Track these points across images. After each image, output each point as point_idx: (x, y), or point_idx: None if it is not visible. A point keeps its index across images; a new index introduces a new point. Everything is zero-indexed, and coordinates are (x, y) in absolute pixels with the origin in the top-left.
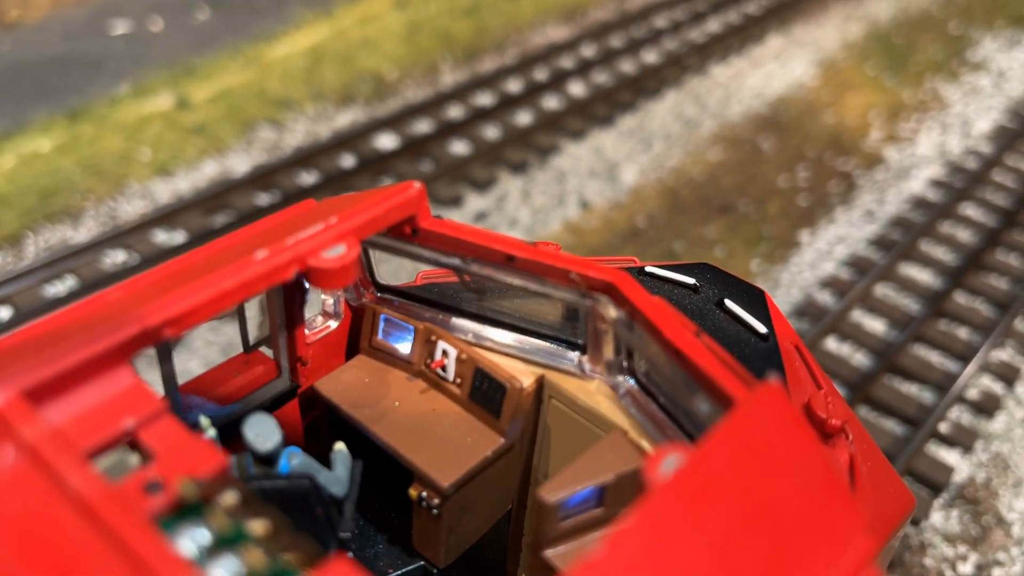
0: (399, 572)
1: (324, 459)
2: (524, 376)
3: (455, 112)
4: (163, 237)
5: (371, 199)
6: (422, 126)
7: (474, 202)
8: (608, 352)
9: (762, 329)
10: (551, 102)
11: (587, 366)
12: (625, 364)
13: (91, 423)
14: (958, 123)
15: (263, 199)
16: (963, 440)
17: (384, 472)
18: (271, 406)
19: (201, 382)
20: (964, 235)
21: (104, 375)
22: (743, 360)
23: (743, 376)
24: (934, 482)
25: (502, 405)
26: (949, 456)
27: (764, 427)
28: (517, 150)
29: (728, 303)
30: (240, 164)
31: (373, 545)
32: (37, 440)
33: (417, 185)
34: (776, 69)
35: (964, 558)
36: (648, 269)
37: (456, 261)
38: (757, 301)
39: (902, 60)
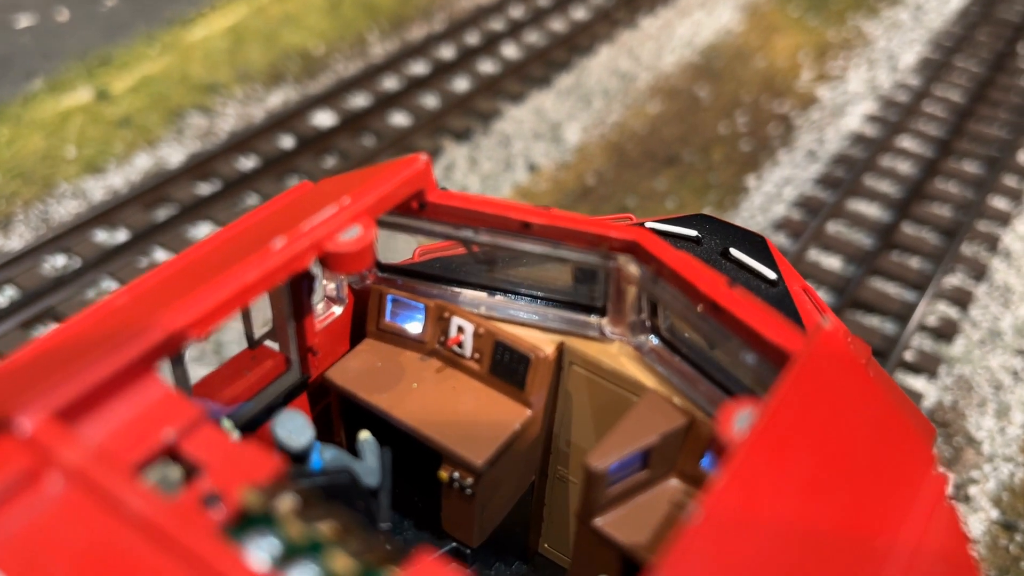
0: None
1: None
2: (545, 345)
3: (390, 83)
4: (103, 236)
5: (378, 176)
6: (358, 100)
7: None
8: (631, 312)
9: (771, 275)
10: (486, 66)
11: (607, 329)
12: (648, 323)
13: (130, 438)
14: (884, 58)
15: (203, 188)
16: (928, 366)
17: (406, 456)
18: (284, 400)
19: (211, 382)
20: (904, 167)
21: (134, 386)
22: None
23: (792, 326)
24: None
25: (526, 376)
26: (917, 383)
27: (827, 373)
28: (459, 118)
29: (733, 252)
30: (173, 154)
31: (401, 532)
32: (82, 462)
33: (423, 157)
34: (703, 17)
35: None
36: (648, 225)
37: (468, 232)
38: (759, 247)
39: (823, 0)
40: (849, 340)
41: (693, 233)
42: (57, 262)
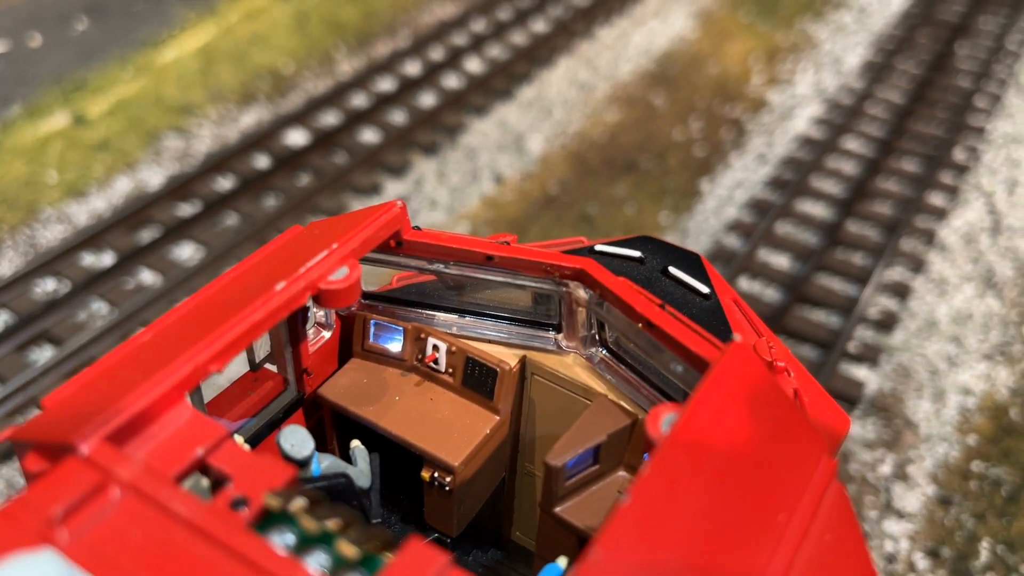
0: None
1: (335, 456)
2: (509, 359)
3: (359, 100)
4: (90, 260)
5: (361, 221)
6: (329, 118)
7: (392, 188)
8: (581, 328)
9: (704, 290)
10: (451, 81)
11: (563, 343)
12: (597, 337)
13: (168, 455)
14: (830, 61)
15: (184, 210)
16: (870, 356)
17: (391, 460)
18: (283, 416)
19: (220, 402)
20: (848, 167)
21: (168, 412)
22: (692, 319)
23: (711, 339)
24: (850, 397)
25: (494, 387)
26: (859, 372)
27: (737, 379)
28: (426, 132)
29: (672, 270)
30: (153, 176)
31: (389, 526)
32: (134, 477)
33: (399, 203)
34: (657, 25)
35: (882, 460)
36: (597, 248)
37: (439, 266)
38: (695, 264)
39: (771, 4)
40: (770, 347)
41: (637, 254)
42: (48, 286)
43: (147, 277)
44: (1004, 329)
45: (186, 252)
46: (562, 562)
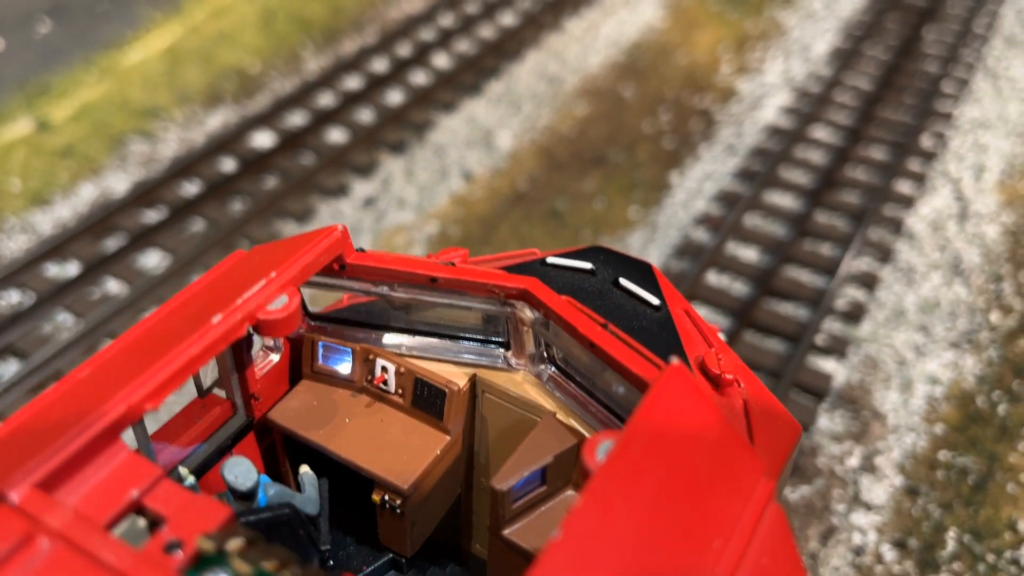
0: (372, 567)
1: (282, 478)
2: (459, 378)
3: (326, 100)
4: (55, 270)
5: (302, 247)
6: (295, 119)
7: (360, 188)
8: (529, 346)
9: (655, 301)
10: (418, 77)
11: (512, 360)
12: (545, 354)
13: (101, 499)
14: (798, 48)
15: (150, 216)
16: (837, 348)
17: (344, 482)
18: (232, 441)
19: (168, 429)
20: (816, 156)
21: (102, 454)
22: (642, 331)
23: (651, 359)
24: (817, 389)
25: (443, 407)
26: (827, 364)
27: (674, 403)
28: (393, 130)
29: (623, 281)
30: (118, 183)
31: (344, 548)
32: (63, 526)
33: (340, 227)
34: (627, 15)
35: (850, 453)
36: (549, 260)
37: (384, 289)
38: (646, 275)
39: None
40: (720, 360)
41: (588, 265)
42: (12, 298)
43: (113, 287)
44: (971, 316)
45: (152, 260)
46: None
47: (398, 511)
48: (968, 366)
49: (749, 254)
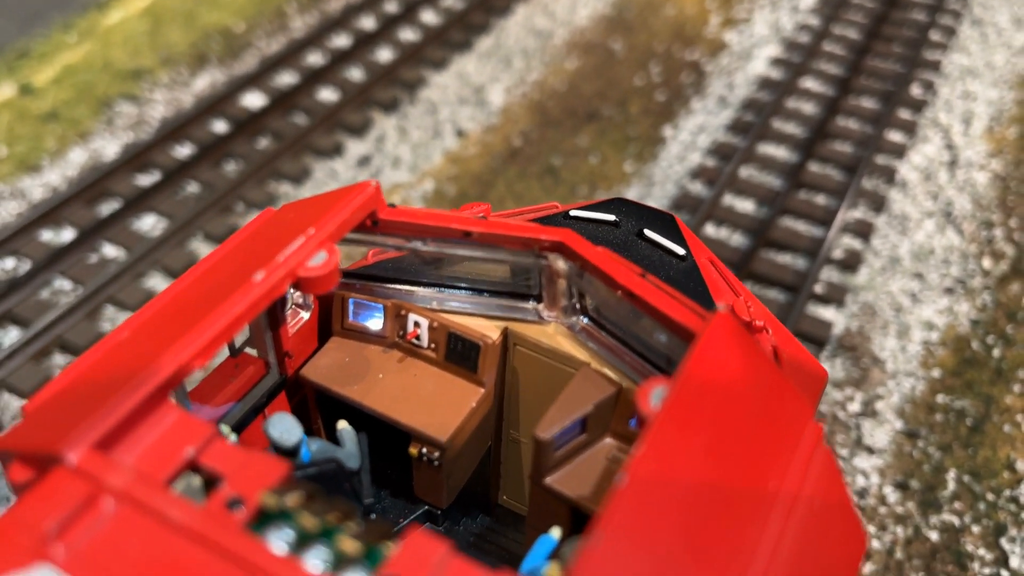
0: (409, 519)
1: (315, 435)
2: (491, 331)
3: (314, 59)
4: (49, 236)
5: (336, 203)
6: (285, 78)
7: (354, 148)
8: (561, 298)
9: (680, 251)
10: (407, 34)
11: (544, 313)
12: (577, 306)
13: (157, 458)
14: None
15: (143, 180)
16: (836, 296)
17: (378, 436)
18: (267, 399)
19: (203, 389)
20: (808, 107)
21: (154, 413)
22: (669, 281)
23: (693, 308)
24: (818, 338)
25: (478, 361)
26: (827, 312)
27: (724, 350)
28: (385, 88)
29: (647, 232)
30: (107, 146)
31: (380, 501)
32: (125, 485)
33: (374, 183)
34: None
35: (851, 399)
36: (572, 213)
37: (417, 243)
38: (669, 225)
39: None
40: (750, 308)
41: (611, 217)
42: (7, 264)
43: (110, 251)
44: (964, 262)
45: (148, 223)
46: (555, 532)
47: (436, 463)
48: (963, 311)
49: (746, 206)
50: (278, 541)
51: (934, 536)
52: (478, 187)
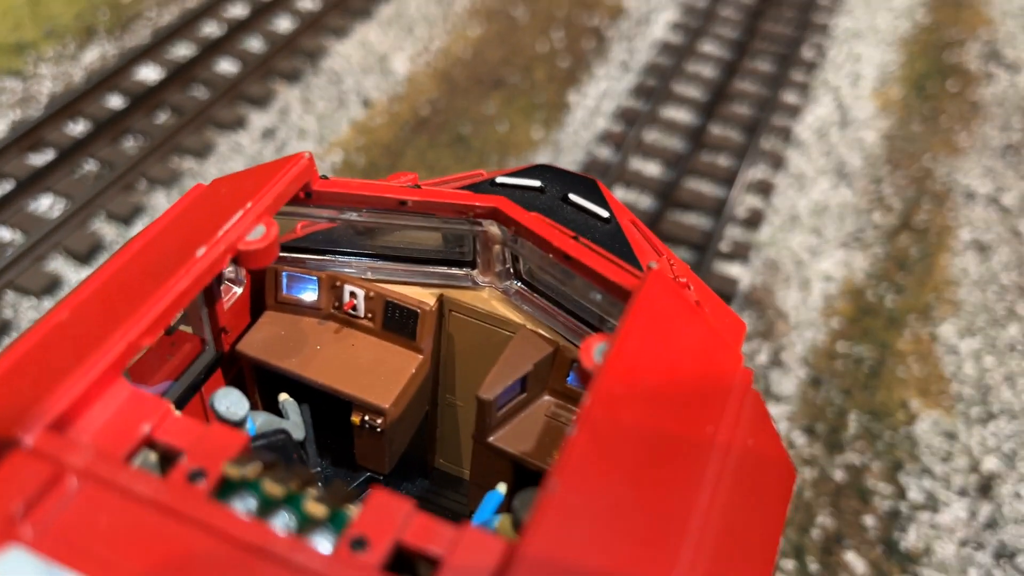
0: (353, 485)
1: (255, 409)
2: (428, 298)
3: (210, 29)
4: None
5: (269, 176)
6: (180, 50)
7: (257, 120)
8: (496, 264)
9: (604, 214)
10: (306, 3)
11: (478, 278)
12: (511, 270)
13: (114, 435)
14: None
15: (36, 160)
16: (740, 253)
17: (319, 406)
18: (204, 376)
19: (139, 368)
20: (707, 70)
21: (107, 392)
22: (596, 243)
23: (626, 268)
24: (725, 294)
25: (415, 328)
26: (732, 269)
27: (659, 305)
28: (286, 58)
29: (572, 197)
30: None
31: (323, 470)
32: (86, 463)
33: (307, 154)
34: None
35: (759, 350)
36: (498, 180)
37: (352, 214)
38: (592, 189)
39: None
40: (672, 266)
41: (537, 183)
42: None
43: (5, 234)
44: (857, 217)
45: (44, 204)
46: (501, 487)
47: (378, 430)
48: (857, 263)
49: (652, 168)
50: (243, 508)
51: (839, 475)
52: (388, 157)
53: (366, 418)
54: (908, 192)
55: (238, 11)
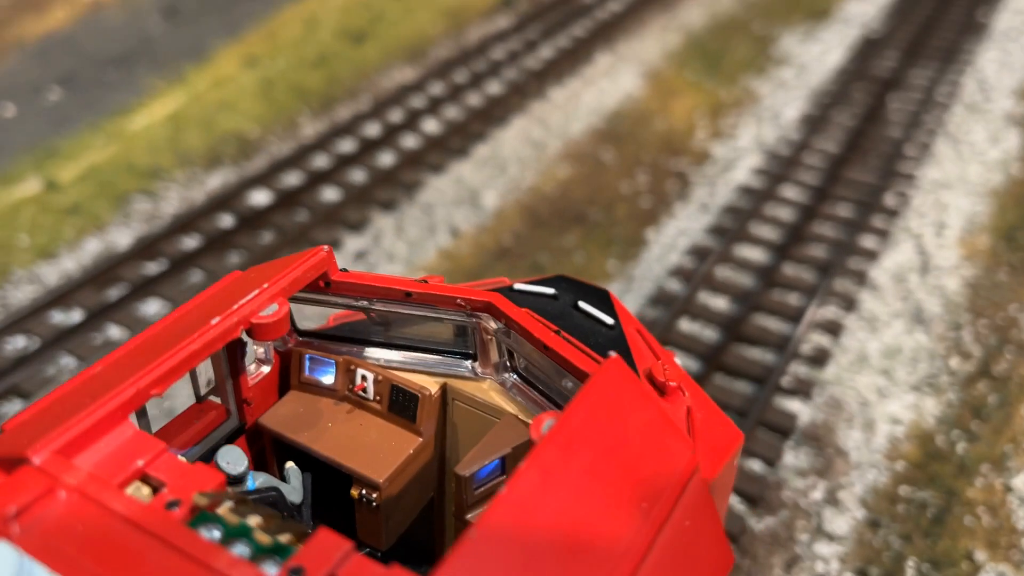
0: None
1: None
2: (431, 385)
3: (320, 161)
4: (60, 318)
5: (291, 264)
6: (291, 179)
7: (352, 243)
8: (494, 356)
9: (609, 321)
10: (409, 141)
11: (479, 370)
12: (508, 364)
13: (112, 466)
14: (769, 115)
15: (151, 268)
16: (803, 389)
17: (327, 481)
18: (225, 442)
19: (168, 430)
20: (785, 213)
21: (113, 430)
22: (597, 347)
23: (593, 356)
24: (783, 428)
25: (416, 411)
26: (792, 404)
27: (611, 388)
28: (385, 189)
29: (582, 304)
30: (121, 237)
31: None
32: (79, 482)
33: (325, 248)
34: (607, 85)
35: (814, 487)
36: (516, 287)
37: (364, 303)
38: (603, 299)
39: (716, 62)
40: (665, 368)
41: (551, 291)
42: (18, 343)
43: (115, 332)
44: (931, 362)
45: (152, 307)
46: None
47: (374, 504)
48: (928, 407)
49: (719, 303)
50: (208, 535)
51: None
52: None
53: (363, 492)
54: (990, 340)
55: (347, 147)
